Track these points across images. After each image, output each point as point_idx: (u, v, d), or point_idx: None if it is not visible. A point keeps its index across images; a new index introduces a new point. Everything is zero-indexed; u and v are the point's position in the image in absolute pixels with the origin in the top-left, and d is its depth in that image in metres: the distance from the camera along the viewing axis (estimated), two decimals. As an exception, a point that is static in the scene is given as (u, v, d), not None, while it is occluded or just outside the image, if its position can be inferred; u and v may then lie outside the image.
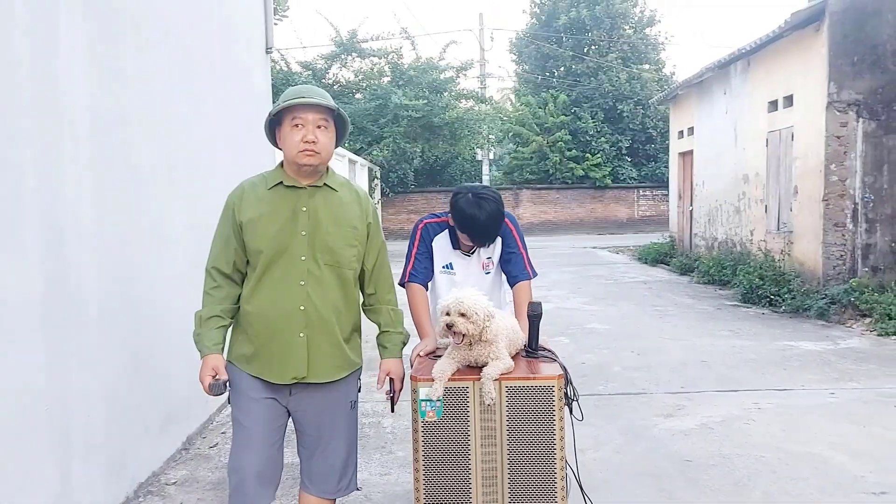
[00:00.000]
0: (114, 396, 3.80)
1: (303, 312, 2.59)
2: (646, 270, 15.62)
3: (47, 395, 3.17)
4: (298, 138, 2.55)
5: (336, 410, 2.73)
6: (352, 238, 2.69)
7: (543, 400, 2.60)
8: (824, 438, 4.82)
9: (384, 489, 4.16)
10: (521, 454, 2.60)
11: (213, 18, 5.70)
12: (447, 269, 3.29)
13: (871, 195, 9.39)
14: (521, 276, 3.26)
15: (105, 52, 3.81)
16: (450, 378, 2.62)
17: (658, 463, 4.47)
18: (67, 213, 3.37)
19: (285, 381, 2.62)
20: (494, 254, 3.30)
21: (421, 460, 2.63)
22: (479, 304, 2.63)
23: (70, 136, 3.42)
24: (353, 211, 2.71)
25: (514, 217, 3.34)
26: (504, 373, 2.63)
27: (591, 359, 7.20)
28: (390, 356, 2.85)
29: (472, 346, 2.67)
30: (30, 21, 3.10)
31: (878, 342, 7.80)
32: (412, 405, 2.62)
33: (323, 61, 20.20)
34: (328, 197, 2.67)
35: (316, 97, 2.57)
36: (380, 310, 2.87)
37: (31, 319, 3.07)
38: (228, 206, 2.67)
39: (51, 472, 3.20)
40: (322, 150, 2.58)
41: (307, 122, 2.56)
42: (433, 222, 3.32)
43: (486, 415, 2.61)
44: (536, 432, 2.59)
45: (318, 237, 2.61)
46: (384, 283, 2.87)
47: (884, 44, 9.31)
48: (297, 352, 2.60)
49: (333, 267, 2.64)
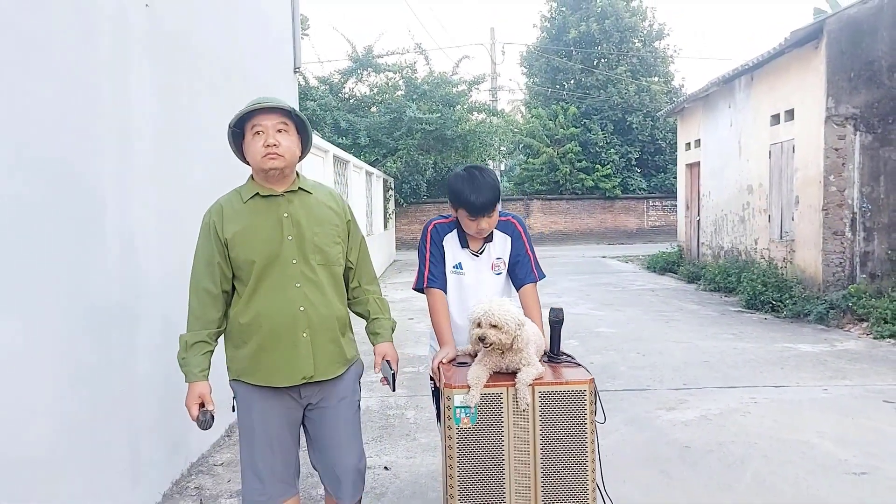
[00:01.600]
0: (169, 384, 4.27)
1: (303, 313, 2.65)
2: (654, 278, 16.02)
3: (121, 380, 3.65)
4: (260, 144, 2.60)
5: (346, 409, 2.81)
6: (335, 235, 2.77)
7: (575, 404, 2.65)
8: (814, 428, 5.24)
9: (410, 469, 4.60)
10: (554, 459, 2.64)
11: (248, 42, 6.20)
12: (457, 270, 3.26)
13: (869, 205, 9.80)
14: (527, 279, 3.27)
15: (164, 78, 4.31)
16: (484, 385, 2.66)
17: (659, 449, 4.89)
18: (136, 221, 3.86)
19: (295, 383, 2.68)
20: (504, 254, 3.29)
21: (456, 467, 2.65)
22: (510, 314, 2.66)
23: (139, 152, 3.91)
24: (331, 210, 2.80)
25: (522, 219, 3.37)
26: (536, 378, 2.67)
27: (599, 359, 7.62)
28: (383, 340, 2.95)
29: (505, 353, 2.70)
30: (111, 52, 3.60)
31: (872, 344, 8.19)
32: (446, 412, 2.66)
33: (339, 76, 20.77)
34: (305, 200, 2.75)
35: (271, 101, 2.64)
36: (366, 300, 2.95)
37: (111, 316, 3.55)
38: (208, 225, 2.72)
39: (123, 449, 3.66)
40: (285, 152, 2.63)
41: (267, 129, 2.61)
42: (441, 223, 3.32)
43: (519, 420, 2.65)
44: (569, 436, 2.64)
45: (306, 239, 2.68)
46: (367, 276, 2.96)
47: (879, 60, 9.74)
48: (302, 352, 2.66)
49: (325, 266, 2.72)
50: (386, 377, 2.95)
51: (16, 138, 2.79)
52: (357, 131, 19.33)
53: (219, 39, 5.34)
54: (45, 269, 2.97)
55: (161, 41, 4.25)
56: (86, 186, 3.34)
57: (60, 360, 3.06)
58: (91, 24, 3.43)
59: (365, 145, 19.51)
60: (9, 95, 2.75)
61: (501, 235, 3.28)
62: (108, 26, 3.59)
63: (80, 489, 3.19)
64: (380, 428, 5.42)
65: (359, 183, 15.61)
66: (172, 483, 4.28)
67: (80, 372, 3.22)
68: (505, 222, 3.30)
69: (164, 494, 4.12)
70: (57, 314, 3.05)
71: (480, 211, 3.09)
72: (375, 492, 4.22)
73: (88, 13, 3.41)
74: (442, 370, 2.92)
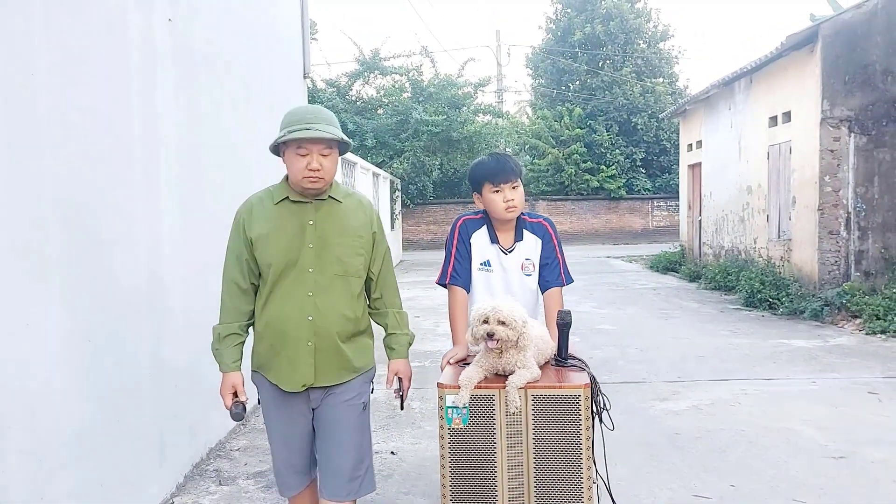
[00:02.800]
0: (190, 373, 4.58)
1: (311, 322, 2.68)
2: (656, 278, 16.28)
3: (149, 368, 3.96)
4: (303, 165, 2.63)
5: (347, 411, 2.80)
6: (358, 247, 2.78)
7: (569, 409, 2.60)
8: (799, 416, 5.51)
9: (415, 454, 4.90)
10: (548, 463, 2.61)
11: (262, 50, 6.51)
12: (484, 267, 3.23)
13: (863, 205, 10.06)
14: (553, 283, 3.23)
15: (186, 87, 4.62)
16: (476, 386, 2.64)
17: (651, 436, 5.17)
18: (162, 221, 4.17)
19: (297, 389, 2.73)
20: (535, 255, 3.25)
21: (448, 467, 2.65)
22: (516, 311, 2.66)
23: (164, 157, 4.22)
24: (358, 220, 2.81)
25: (553, 222, 3.37)
26: (530, 381, 2.64)
27: (599, 354, 7.90)
28: (398, 357, 2.97)
29: (503, 354, 2.69)
30: (138, 64, 3.91)
31: (864, 340, 8.45)
32: (439, 412, 2.67)
33: (346, 79, 21.08)
34: (333, 209, 2.77)
35: (322, 127, 2.63)
36: (386, 313, 2.96)
37: (139, 308, 3.85)
38: (238, 222, 2.79)
39: (151, 432, 3.97)
40: (325, 174, 2.66)
41: (312, 151, 2.63)
42: (471, 218, 3.29)
43: (512, 423, 2.62)
44: (562, 441, 2.60)
45: (326, 249, 2.71)
46: (390, 288, 2.96)
47: (873, 64, 9.99)
48: (305, 359, 2.70)
49: (342, 276, 2.74)
50: (397, 391, 2.99)
51: (62, 145, 3.10)
52: (364, 133, 19.65)
53: (235, 49, 5.64)
54: (84, 264, 3.28)
55: (183, 52, 4.56)
56: (118, 189, 3.65)
57: (95, 347, 3.37)
58: (121, 38, 3.74)
59: (372, 147, 19.82)
60: (57, 103, 3.06)
61: (532, 237, 3.26)
62: (136, 40, 3.90)
63: (114, 466, 3.50)
64: (387, 417, 5.71)
65: (366, 184, 15.94)
66: (193, 466, 4.58)
67: (113, 359, 3.53)
68: (536, 224, 3.29)
69: (185, 476, 4.42)
70: (94, 305, 3.36)
71: (502, 175, 3.10)
72: (383, 474, 4.51)
73: (119, 28, 3.72)
74: (444, 369, 2.92)
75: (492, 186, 3.12)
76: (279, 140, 2.66)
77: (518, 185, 3.15)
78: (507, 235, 3.23)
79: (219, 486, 4.35)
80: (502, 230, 3.24)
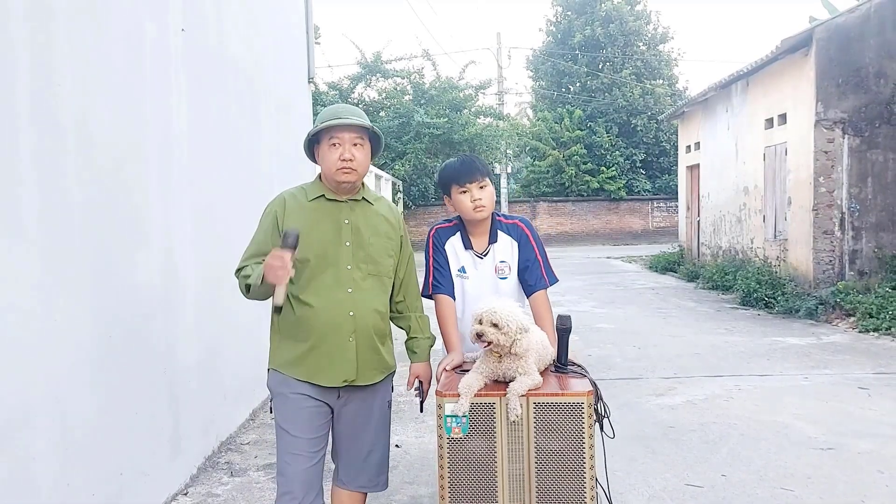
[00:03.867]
0: (202, 368, 4.76)
1: (352, 318, 2.71)
2: (655, 278, 16.46)
3: (165, 362, 4.14)
4: (336, 156, 2.69)
5: (374, 410, 2.87)
6: (389, 248, 2.85)
7: (572, 417, 2.53)
8: (790, 411, 5.68)
9: (419, 447, 5.08)
10: (550, 472, 2.54)
11: (268, 55, 6.69)
12: (460, 274, 3.18)
13: (857, 205, 10.24)
14: (537, 286, 3.15)
15: (197, 92, 4.80)
16: (476, 393, 2.57)
17: (646, 429, 5.35)
18: (175, 220, 4.35)
19: (337, 384, 2.73)
20: (511, 258, 3.18)
21: (447, 477, 2.58)
22: (513, 316, 2.58)
23: (177, 159, 4.41)
24: (388, 223, 2.89)
25: (531, 223, 3.32)
26: (532, 389, 2.57)
27: (597, 352, 8.08)
28: (419, 360, 3.03)
29: (502, 360, 2.62)
30: (154, 72, 4.10)
31: (857, 338, 8.63)
32: (437, 420, 2.59)
33: (349, 81, 21.31)
34: (366, 210, 2.83)
35: (352, 117, 2.71)
36: (409, 317, 3.01)
37: (154, 304, 4.04)
38: (270, 214, 2.79)
39: (166, 424, 4.15)
40: (358, 166, 2.72)
41: (344, 141, 2.69)
42: (443, 227, 3.25)
43: (513, 432, 2.55)
44: (565, 450, 2.53)
45: (362, 248, 2.76)
46: (412, 292, 3.02)
47: (866, 66, 10.18)
48: (348, 355, 2.72)
49: (376, 276, 2.80)
50: (418, 393, 3.04)
51: (85, 152, 3.29)
52: (366, 135, 19.82)
53: (243, 55, 5.83)
54: (105, 264, 3.47)
55: (194, 60, 4.74)
56: (135, 193, 3.83)
57: (115, 344, 3.56)
58: (137, 50, 3.92)
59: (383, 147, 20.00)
60: (81, 112, 3.25)
61: (507, 238, 3.19)
62: (152, 50, 4.09)
63: (133, 457, 3.69)
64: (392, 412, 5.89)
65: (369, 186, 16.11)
66: (205, 458, 4.76)
67: (131, 355, 3.71)
68: (511, 225, 3.23)
69: (198, 468, 4.60)
70: (114, 304, 3.54)
71: (468, 175, 3.06)
72: (387, 465, 4.69)
73: (136, 40, 3.90)
74: (441, 377, 2.86)
75: (458, 187, 3.08)
76: (312, 132, 2.75)
77: (486, 185, 3.09)
78: (480, 239, 3.18)
79: (231, 477, 4.53)
80: (476, 234, 3.18)
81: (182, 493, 4.26)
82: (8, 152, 2.76)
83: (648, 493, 4.16)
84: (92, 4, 3.44)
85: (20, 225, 2.82)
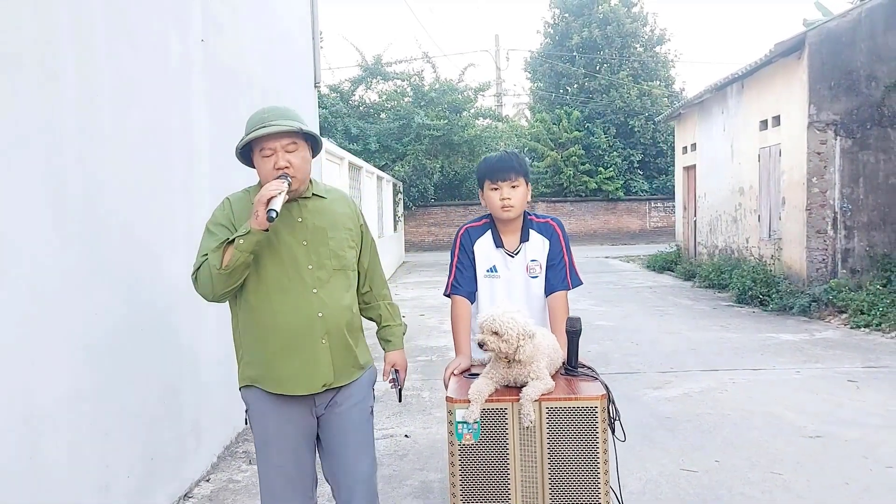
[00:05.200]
0: (221, 363, 5.00)
1: (321, 319, 2.59)
2: (652, 277, 16.73)
3: (189, 357, 4.39)
4: (270, 166, 2.53)
5: (359, 415, 2.75)
6: (349, 240, 2.74)
7: (586, 421, 2.50)
8: (781, 402, 5.94)
9: (427, 437, 5.33)
10: (563, 478, 2.49)
11: (280, 63, 6.94)
12: (491, 273, 3.13)
13: (849, 205, 10.51)
14: (558, 286, 3.13)
15: (215, 100, 5.05)
16: (487, 399, 2.53)
17: (644, 419, 5.60)
18: (197, 224, 4.59)
19: (316, 390, 2.62)
20: (541, 256, 3.15)
21: (458, 485, 2.53)
22: (514, 323, 2.52)
23: (199, 165, 4.65)
24: (344, 213, 2.76)
25: (562, 223, 3.28)
26: (544, 393, 2.53)
27: (596, 348, 8.33)
28: (394, 348, 2.94)
29: (511, 365, 2.57)
30: (177, 82, 4.34)
31: (849, 333, 8.89)
32: (448, 427, 2.54)
33: (350, 84, 21.57)
34: (319, 205, 2.69)
35: (279, 121, 2.53)
36: (378, 306, 2.93)
37: (180, 305, 4.28)
38: (222, 217, 2.64)
39: (190, 413, 4.40)
40: (297, 171, 2.55)
41: (276, 150, 2.53)
42: (474, 226, 3.21)
43: (525, 437, 2.51)
44: (579, 455, 2.49)
45: (321, 244, 2.64)
46: (378, 280, 2.93)
47: (858, 70, 10.45)
48: (322, 359, 2.61)
49: (341, 271, 2.68)
50: (395, 381, 2.96)
51: (122, 160, 3.54)
52: (367, 137, 20.12)
53: (257, 64, 6.08)
54: (137, 264, 3.72)
55: (213, 70, 4.99)
56: (164, 196, 4.09)
57: (146, 339, 3.81)
58: (164, 62, 4.18)
59: (375, 150, 20.29)
60: (118, 121, 3.50)
61: (539, 237, 3.17)
62: (176, 61, 4.34)
63: (162, 444, 3.94)
64: (398, 406, 6.13)
65: (370, 187, 16.39)
66: (224, 448, 5.01)
67: (160, 350, 3.97)
68: (544, 224, 3.21)
69: (218, 456, 4.85)
70: (145, 302, 3.80)
71: (501, 173, 3.03)
72: (398, 454, 4.94)
73: (163, 52, 4.15)
74: (451, 382, 2.83)
75: (490, 183, 3.07)
76: (240, 146, 2.58)
77: (518, 185, 3.07)
78: (511, 238, 3.15)
79: (249, 465, 4.77)
80: (507, 233, 3.15)
81: (205, 480, 4.51)
82: (58, 159, 3.01)
83: (645, 478, 4.41)
84: (127, 22, 3.69)
85: (67, 223, 3.07)
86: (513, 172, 3.05)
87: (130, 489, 3.54)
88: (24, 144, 2.80)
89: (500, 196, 3.05)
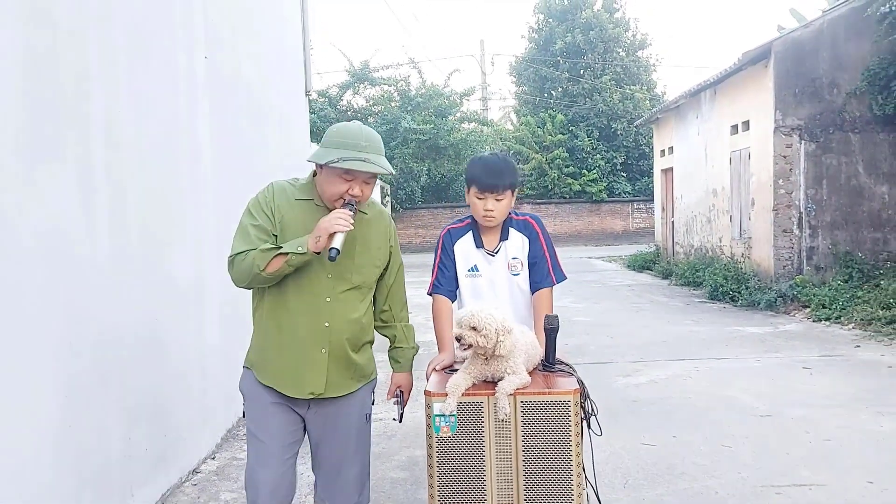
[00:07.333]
0: (224, 351, 5.44)
1: (327, 329, 2.62)
2: (632, 276, 17.30)
3: (195, 344, 4.84)
4: (344, 189, 2.57)
5: (352, 424, 2.76)
6: (377, 259, 2.76)
7: (559, 415, 2.55)
8: (740, 387, 6.46)
9: (413, 420, 5.65)
10: (537, 470, 2.56)
11: (274, 76, 7.39)
12: (472, 272, 3.16)
13: (813, 205, 11.10)
14: (542, 283, 3.15)
15: (217, 112, 5.50)
16: (464, 393, 2.58)
17: (612, 403, 6.08)
18: (203, 223, 5.06)
19: (303, 396, 2.65)
20: (522, 254, 3.18)
21: (436, 476, 2.59)
22: (492, 319, 2.58)
23: (203, 170, 5.11)
24: (378, 231, 2.78)
25: (541, 219, 3.30)
26: (520, 387, 2.59)
27: (573, 341, 8.82)
28: (402, 370, 2.97)
29: (489, 361, 2.63)
30: (184, 97, 4.81)
31: (810, 326, 9.46)
32: (426, 420, 2.60)
33: (337, 89, 22.02)
34: (358, 221, 2.65)
35: (375, 164, 2.54)
36: (394, 326, 2.94)
37: (189, 297, 4.74)
38: (263, 201, 2.70)
39: (197, 396, 4.85)
40: (364, 199, 2.65)
41: (358, 181, 2.58)
42: (455, 227, 3.24)
43: (501, 430, 2.57)
44: (552, 448, 2.55)
45: (347, 257, 2.62)
46: (399, 301, 2.94)
47: (821, 77, 11.04)
48: (317, 367, 2.63)
49: (358, 287, 2.70)
50: (398, 402, 3.01)
51: (141, 166, 4.00)
52: (355, 141, 20.49)
53: (254, 77, 6.53)
54: (152, 261, 4.18)
55: (215, 84, 5.45)
56: (175, 199, 4.55)
57: (159, 327, 4.27)
58: (174, 77, 4.63)
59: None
60: (135, 131, 3.96)
61: (519, 235, 3.20)
62: (182, 78, 4.79)
63: (174, 422, 4.39)
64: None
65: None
66: (227, 430, 5.46)
67: (172, 337, 4.42)
68: (522, 222, 3.24)
69: (221, 437, 5.30)
70: (158, 295, 4.25)
71: (489, 187, 3.04)
72: (387, 434, 5.41)
73: (172, 68, 4.61)
74: (431, 376, 2.87)
75: (477, 192, 3.08)
76: (331, 163, 2.53)
77: (503, 198, 3.08)
78: (491, 237, 3.18)
79: (250, 444, 5.23)
80: (487, 233, 3.18)
81: (210, 458, 4.96)
82: (86, 168, 3.47)
83: (609, 451, 4.90)
84: (143, 45, 4.15)
85: (94, 226, 3.53)
86: (500, 187, 3.06)
87: (148, 461, 3.99)
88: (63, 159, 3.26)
89: (484, 206, 3.07)
